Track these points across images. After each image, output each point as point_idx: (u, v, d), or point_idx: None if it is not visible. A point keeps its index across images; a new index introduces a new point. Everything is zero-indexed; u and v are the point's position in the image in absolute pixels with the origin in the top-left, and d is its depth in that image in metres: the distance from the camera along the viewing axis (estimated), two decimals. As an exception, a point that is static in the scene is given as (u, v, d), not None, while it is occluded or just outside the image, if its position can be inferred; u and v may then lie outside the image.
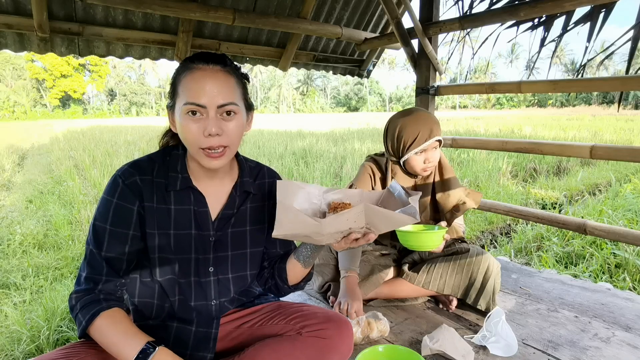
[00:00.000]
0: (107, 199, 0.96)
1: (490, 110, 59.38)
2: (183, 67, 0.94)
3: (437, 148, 1.66)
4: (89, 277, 0.95)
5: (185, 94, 0.91)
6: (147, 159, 1.02)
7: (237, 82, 0.96)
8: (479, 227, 4.49)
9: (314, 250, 1.05)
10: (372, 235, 0.94)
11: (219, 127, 0.91)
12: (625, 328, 1.60)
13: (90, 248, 0.96)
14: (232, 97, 0.93)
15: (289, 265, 1.09)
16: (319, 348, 1.03)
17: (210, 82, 0.90)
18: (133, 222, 0.97)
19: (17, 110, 56.43)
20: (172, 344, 1.03)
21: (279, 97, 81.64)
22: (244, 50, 2.61)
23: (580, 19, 1.99)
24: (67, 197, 5.82)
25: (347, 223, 0.88)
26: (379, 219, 0.89)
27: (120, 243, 0.96)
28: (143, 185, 0.97)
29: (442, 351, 1.36)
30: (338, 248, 0.96)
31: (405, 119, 1.63)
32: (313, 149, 10.47)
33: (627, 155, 1.76)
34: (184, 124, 0.91)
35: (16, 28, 1.89)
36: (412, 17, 2.35)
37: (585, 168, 7.87)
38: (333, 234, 0.90)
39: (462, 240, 1.84)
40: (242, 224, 1.08)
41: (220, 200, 1.06)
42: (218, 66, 0.94)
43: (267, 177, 1.15)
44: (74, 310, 0.93)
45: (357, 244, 0.95)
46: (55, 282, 3.15)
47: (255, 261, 1.12)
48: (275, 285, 1.13)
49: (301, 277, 1.11)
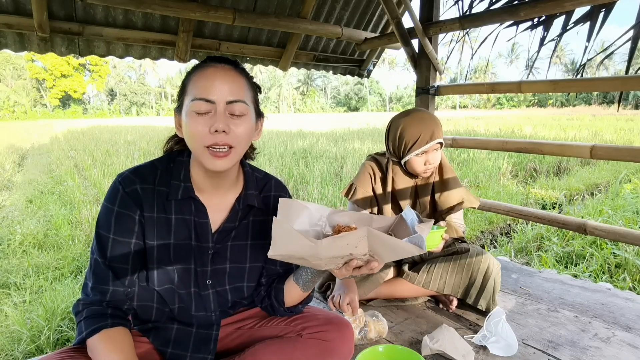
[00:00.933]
0: (108, 206, 0.94)
1: (490, 110, 59.39)
2: (194, 67, 0.93)
3: (439, 150, 1.65)
4: (96, 288, 0.93)
5: (194, 90, 0.89)
6: (149, 165, 0.99)
7: (248, 85, 0.94)
8: (479, 227, 4.49)
9: (315, 275, 0.99)
10: (376, 263, 0.87)
11: (227, 124, 0.87)
12: (626, 328, 1.60)
13: (94, 257, 0.94)
14: (242, 95, 0.91)
15: (287, 287, 1.04)
16: (319, 350, 1.03)
17: (221, 79, 0.88)
18: (135, 230, 0.95)
19: (17, 110, 56.47)
20: (172, 345, 1.03)
21: (279, 97, 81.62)
22: (244, 50, 2.61)
23: (580, 18, 1.99)
24: (67, 197, 5.82)
25: (347, 248, 0.80)
26: (382, 247, 0.81)
27: (124, 252, 0.94)
28: (143, 194, 0.95)
29: (442, 351, 1.36)
30: (339, 275, 0.89)
31: (407, 119, 1.63)
32: (313, 148, 10.46)
33: (627, 155, 1.76)
34: (190, 121, 0.88)
35: (16, 28, 1.89)
36: (412, 17, 2.35)
37: (586, 168, 7.88)
38: (332, 258, 0.83)
39: (462, 240, 1.84)
40: (243, 238, 1.05)
41: (223, 212, 1.03)
42: (230, 66, 0.92)
43: (273, 190, 1.10)
44: (78, 315, 0.91)
45: (359, 272, 0.88)
46: (55, 282, 3.15)
47: (253, 275, 1.08)
48: (271, 306, 1.09)
49: (299, 300, 1.06)
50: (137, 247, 0.96)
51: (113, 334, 0.89)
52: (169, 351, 1.03)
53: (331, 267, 0.87)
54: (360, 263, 0.87)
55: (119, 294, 0.94)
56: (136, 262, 0.97)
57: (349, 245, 0.80)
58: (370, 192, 1.74)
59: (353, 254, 0.83)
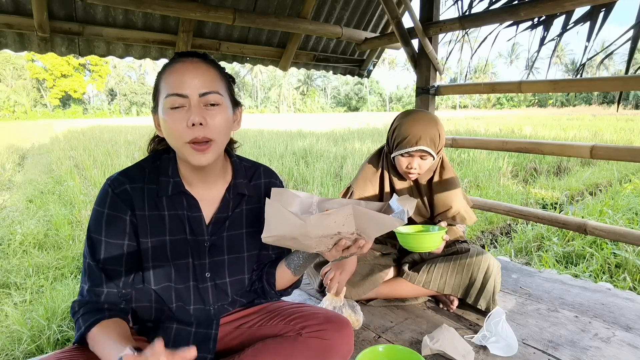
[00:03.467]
0: (98, 210, 0.95)
1: (490, 110, 59.36)
2: (164, 66, 0.94)
3: (427, 159, 1.61)
4: (91, 290, 0.94)
5: (166, 87, 0.89)
6: (137, 166, 1.00)
7: (220, 75, 0.94)
8: (479, 227, 4.49)
9: (306, 259, 1.03)
10: (363, 241, 0.91)
11: (202, 116, 0.87)
12: (626, 328, 1.60)
13: (87, 261, 0.95)
14: (215, 86, 0.91)
15: (279, 271, 1.07)
16: (319, 349, 1.03)
17: (191, 72, 0.89)
18: (127, 231, 0.96)
19: (17, 110, 56.44)
20: (171, 345, 1.03)
21: (279, 97, 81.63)
22: (244, 50, 2.61)
23: (580, 18, 1.99)
24: (68, 197, 5.82)
25: (335, 226, 0.84)
26: (368, 222, 0.85)
27: (116, 253, 0.95)
28: (134, 193, 0.96)
29: (442, 351, 1.36)
30: (330, 257, 0.94)
31: (407, 118, 1.63)
32: (313, 148, 10.46)
33: (627, 155, 1.76)
34: (167, 119, 0.89)
35: (16, 28, 1.89)
36: (412, 17, 2.35)
37: (586, 168, 7.87)
38: (321, 238, 0.87)
39: (463, 240, 1.84)
40: (237, 227, 1.07)
41: (214, 203, 1.04)
42: (198, 59, 0.93)
43: (263, 177, 1.12)
44: (75, 315, 0.92)
45: (348, 252, 0.93)
46: (55, 281, 3.16)
47: (252, 264, 1.11)
48: (262, 289, 1.11)
49: (289, 283, 1.10)
50: (130, 249, 0.97)
51: (109, 323, 0.90)
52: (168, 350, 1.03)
53: (321, 248, 0.91)
54: (348, 243, 0.91)
55: (113, 295, 0.95)
56: (130, 264, 0.97)
57: (337, 223, 0.84)
58: (366, 194, 1.74)
59: (341, 233, 0.87)
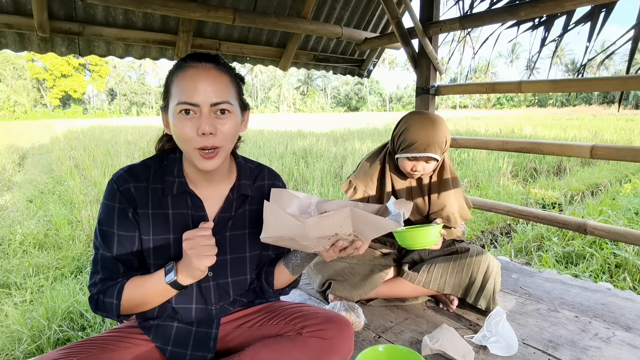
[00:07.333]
0: (109, 204, 0.97)
1: (490, 110, 59.33)
2: (176, 67, 0.94)
3: (431, 163, 1.64)
4: (106, 278, 0.96)
5: (178, 93, 0.90)
6: (142, 164, 1.02)
7: (231, 81, 0.95)
8: (479, 227, 4.49)
9: (304, 259, 1.05)
10: (360, 243, 0.93)
11: (213, 125, 0.89)
12: (626, 328, 1.60)
13: (100, 252, 0.97)
14: (226, 95, 0.92)
15: (277, 271, 1.09)
16: (319, 348, 1.03)
17: (203, 80, 0.89)
18: (135, 225, 0.98)
19: (17, 110, 56.44)
20: (172, 343, 1.04)
21: (279, 97, 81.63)
22: (244, 50, 2.61)
23: (581, 18, 1.99)
24: (68, 197, 5.82)
25: (333, 227, 0.85)
26: (364, 224, 0.87)
27: (129, 245, 0.98)
28: (136, 193, 0.98)
29: (442, 351, 1.36)
30: (327, 258, 0.95)
31: (415, 122, 1.62)
32: (313, 148, 10.47)
33: (627, 155, 1.76)
34: (177, 124, 0.90)
35: (16, 28, 1.89)
36: (413, 17, 2.35)
37: (586, 168, 7.87)
38: (319, 239, 0.87)
39: (462, 240, 1.84)
40: (240, 227, 1.08)
41: (218, 203, 1.05)
42: (211, 64, 0.93)
43: (267, 179, 1.14)
44: (98, 302, 0.95)
45: (345, 253, 0.94)
46: (55, 281, 3.16)
47: (254, 264, 1.12)
48: (260, 288, 1.13)
49: (287, 283, 1.12)
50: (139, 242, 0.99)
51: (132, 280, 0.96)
52: (169, 349, 1.04)
53: (319, 248, 0.92)
54: (345, 244, 0.92)
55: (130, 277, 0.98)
56: (140, 255, 1.00)
57: (334, 224, 0.85)
58: (369, 192, 1.75)
59: (339, 234, 0.88)
